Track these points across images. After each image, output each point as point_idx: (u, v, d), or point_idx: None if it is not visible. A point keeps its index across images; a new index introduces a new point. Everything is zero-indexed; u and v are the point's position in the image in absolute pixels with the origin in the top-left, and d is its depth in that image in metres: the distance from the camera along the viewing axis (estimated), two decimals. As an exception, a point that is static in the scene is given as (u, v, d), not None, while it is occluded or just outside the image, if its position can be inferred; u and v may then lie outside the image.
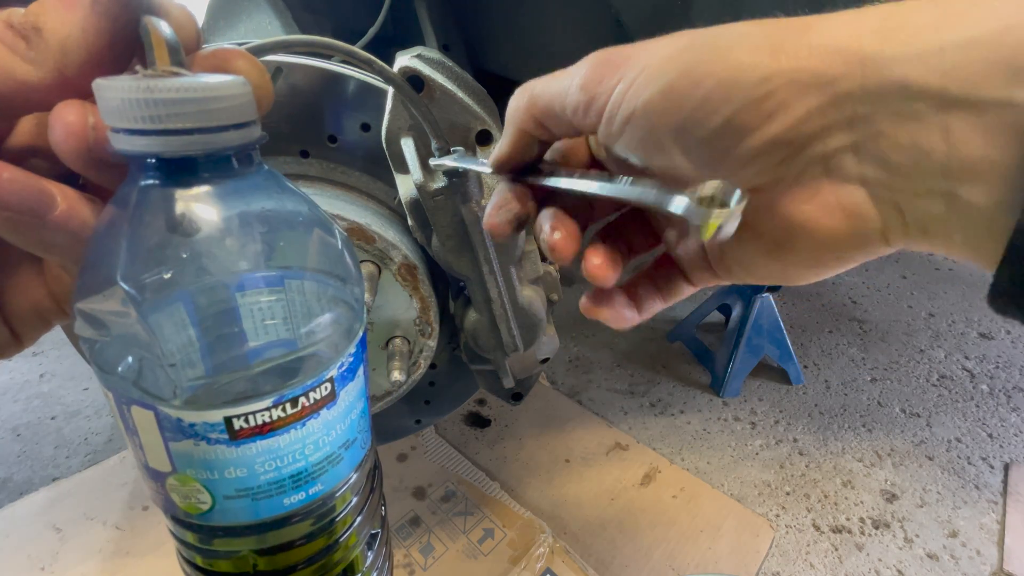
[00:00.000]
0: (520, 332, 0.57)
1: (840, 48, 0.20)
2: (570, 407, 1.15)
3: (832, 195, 0.22)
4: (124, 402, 0.21)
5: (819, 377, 1.23)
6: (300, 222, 0.23)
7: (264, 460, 0.22)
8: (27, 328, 0.26)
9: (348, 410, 0.25)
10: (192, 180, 0.20)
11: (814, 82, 0.20)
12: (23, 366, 1.27)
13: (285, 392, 0.22)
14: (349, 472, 0.26)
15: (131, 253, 0.19)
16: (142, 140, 0.18)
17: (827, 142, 0.21)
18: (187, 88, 0.18)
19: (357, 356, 0.25)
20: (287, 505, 0.24)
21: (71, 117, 0.20)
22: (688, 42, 0.23)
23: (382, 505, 0.32)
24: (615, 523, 0.89)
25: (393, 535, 0.86)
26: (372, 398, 0.61)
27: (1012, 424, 1.10)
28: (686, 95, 0.22)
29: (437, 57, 0.48)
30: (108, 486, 0.95)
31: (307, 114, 0.53)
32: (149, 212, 0.20)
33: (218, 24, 0.77)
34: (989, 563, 0.85)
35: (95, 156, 0.20)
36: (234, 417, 0.21)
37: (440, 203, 0.48)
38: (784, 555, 0.86)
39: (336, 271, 0.24)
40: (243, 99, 0.20)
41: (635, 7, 0.63)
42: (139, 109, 0.18)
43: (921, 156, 0.20)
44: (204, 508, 0.23)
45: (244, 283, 0.21)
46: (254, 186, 0.22)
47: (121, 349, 0.20)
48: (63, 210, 0.21)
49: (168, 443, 0.21)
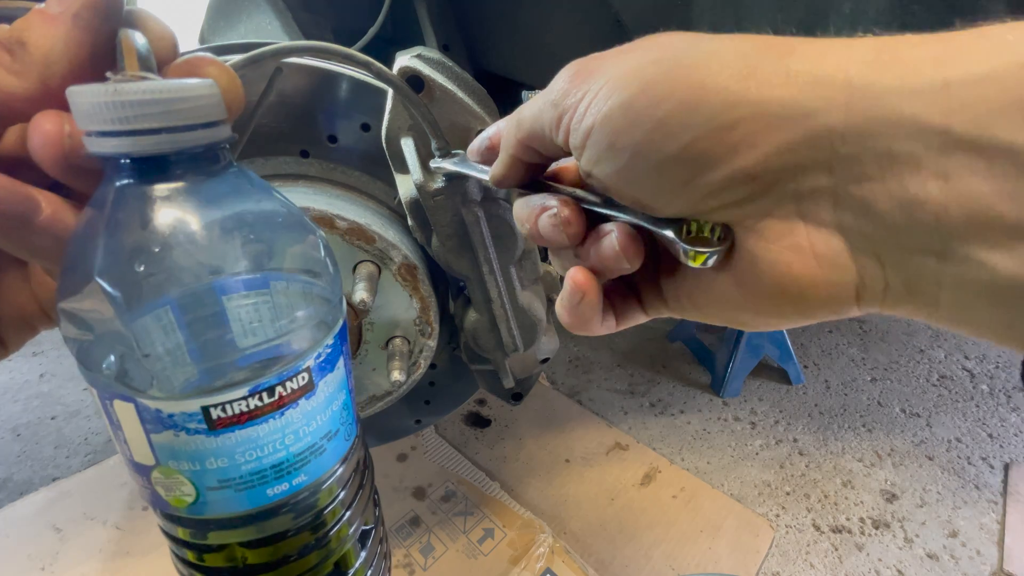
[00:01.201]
0: (520, 332, 0.57)
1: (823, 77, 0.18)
2: (570, 407, 1.15)
3: (805, 238, 0.20)
4: (107, 397, 0.22)
5: (819, 377, 1.23)
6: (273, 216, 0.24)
7: (244, 450, 0.23)
8: (13, 334, 0.26)
9: (329, 401, 0.25)
10: (163, 178, 0.21)
11: (788, 114, 0.18)
12: (23, 366, 1.27)
13: (261, 381, 0.22)
14: (334, 464, 0.27)
15: (107, 250, 0.20)
16: (113, 141, 0.20)
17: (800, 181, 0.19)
18: (153, 90, 0.19)
19: (336, 347, 0.26)
20: (271, 496, 0.24)
21: (48, 126, 0.20)
22: (658, 55, 0.21)
23: (376, 502, 0.33)
24: (615, 523, 0.89)
25: (393, 535, 0.86)
26: (372, 398, 0.61)
27: (1012, 424, 1.10)
28: (644, 113, 0.20)
29: (437, 57, 0.48)
30: (108, 486, 0.95)
31: (307, 114, 0.53)
32: (124, 210, 0.21)
33: (218, 24, 0.77)
34: (989, 563, 0.85)
35: (72, 162, 0.21)
36: (211, 407, 0.21)
37: (440, 203, 0.48)
38: (784, 555, 0.86)
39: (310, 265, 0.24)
40: (209, 100, 0.21)
41: (635, 6, 0.63)
42: (108, 112, 0.19)
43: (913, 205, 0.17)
44: (189, 500, 0.23)
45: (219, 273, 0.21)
46: (225, 183, 0.23)
47: (103, 346, 0.21)
48: (47, 215, 0.22)
49: (150, 435, 0.22)
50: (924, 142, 0.17)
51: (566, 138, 0.24)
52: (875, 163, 0.18)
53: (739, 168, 0.19)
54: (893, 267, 0.19)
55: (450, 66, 0.49)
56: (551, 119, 0.24)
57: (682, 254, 0.22)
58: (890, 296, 0.20)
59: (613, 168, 0.22)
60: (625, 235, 0.24)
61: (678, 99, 0.20)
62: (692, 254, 0.22)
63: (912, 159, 0.17)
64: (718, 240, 0.22)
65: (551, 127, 0.25)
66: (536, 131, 0.26)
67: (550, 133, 0.25)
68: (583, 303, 0.27)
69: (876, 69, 0.17)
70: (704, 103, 0.19)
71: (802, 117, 0.18)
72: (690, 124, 0.19)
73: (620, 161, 0.22)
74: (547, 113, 0.25)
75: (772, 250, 0.21)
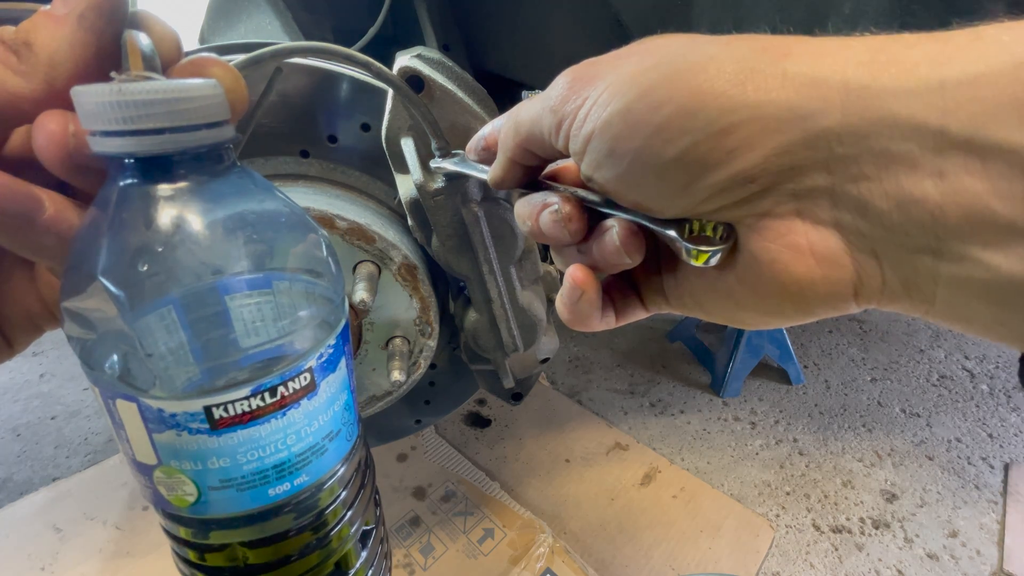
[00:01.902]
0: (520, 332, 0.57)
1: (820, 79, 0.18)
2: (570, 407, 1.15)
3: (803, 237, 0.20)
4: (110, 396, 0.22)
5: (819, 377, 1.23)
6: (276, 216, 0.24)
7: (246, 450, 0.23)
8: (19, 334, 0.27)
9: (330, 401, 0.25)
10: (167, 178, 0.21)
11: (785, 116, 0.18)
12: (23, 366, 1.27)
13: (263, 381, 0.22)
14: (335, 464, 0.27)
15: (110, 249, 0.20)
16: (117, 141, 0.20)
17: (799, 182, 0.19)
18: (157, 90, 0.19)
19: (338, 348, 0.26)
20: (272, 496, 0.24)
21: (52, 125, 0.21)
22: (657, 60, 0.21)
23: (377, 503, 0.33)
24: (615, 523, 0.89)
25: (393, 535, 0.86)
26: (372, 398, 0.61)
27: (1012, 424, 1.10)
28: (643, 120, 0.20)
29: (437, 57, 0.48)
30: (108, 486, 0.95)
31: (307, 114, 0.53)
32: (127, 210, 0.21)
33: (218, 24, 0.77)
34: (989, 563, 0.85)
35: (77, 161, 0.21)
36: (213, 406, 0.21)
37: (440, 203, 0.48)
38: (784, 555, 0.86)
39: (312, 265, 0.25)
40: (213, 100, 0.21)
41: (635, 6, 0.63)
42: (113, 111, 0.19)
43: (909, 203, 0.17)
44: (191, 500, 0.23)
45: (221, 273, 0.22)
46: (228, 183, 0.23)
47: (106, 345, 0.21)
48: (51, 214, 0.22)
49: (152, 435, 0.22)
50: (920, 142, 0.17)
51: (566, 144, 0.24)
52: (872, 163, 0.18)
53: (738, 171, 0.20)
54: (890, 265, 0.19)
55: (450, 66, 0.49)
56: (550, 125, 0.25)
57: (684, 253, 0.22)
58: (887, 293, 0.20)
59: (614, 173, 0.23)
60: (626, 230, 0.25)
61: (676, 104, 0.20)
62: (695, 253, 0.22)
63: (908, 159, 0.17)
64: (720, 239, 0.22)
65: (550, 133, 0.25)
66: (535, 135, 0.26)
67: (549, 138, 0.25)
68: (582, 300, 0.27)
69: (872, 70, 0.17)
70: (702, 108, 0.19)
71: (799, 119, 0.18)
72: (689, 129, 0.20)
73: (620, 166, 0.22)
74: (546, 119, 0.25)
75: (771, 249, 0.21)
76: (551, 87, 0.25)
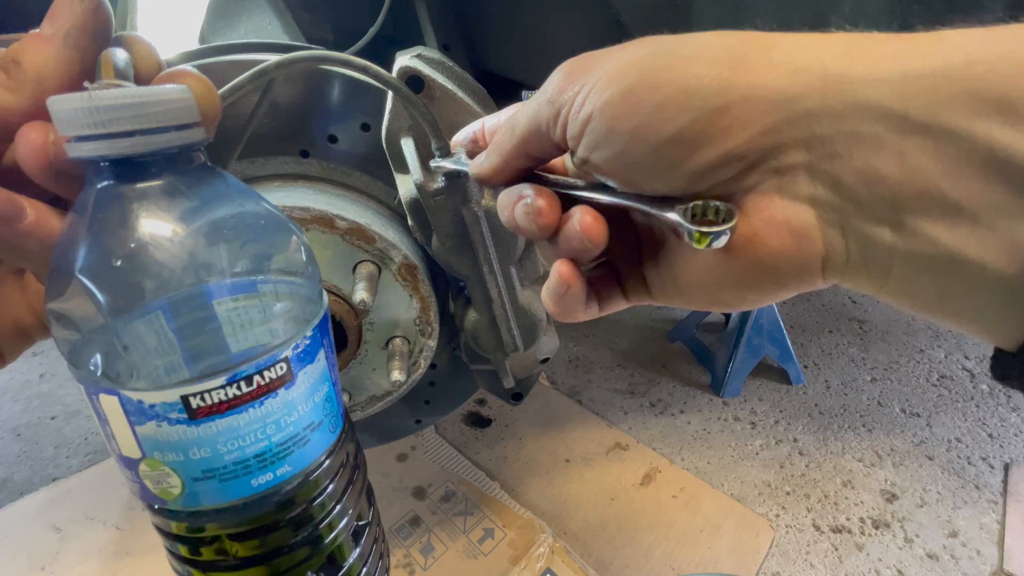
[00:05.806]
0: (520, 332, 0.57)
1: (802, 66, 0.20)
2: (570, 407, 1.15)
3: (780, 212, 0.22)
4: (94, 392, 0.23)
5: (819, 377, 1.23)
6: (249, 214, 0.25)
7: (226, 439, 0.23)
8: (10, 344, 0.28)
9: (310, 392, 0.26)
10: (140, 178, 0.22)
11: (773, 98, 0.20)
12: (23, 366, 1.27)
13: (239, 370, 0.23)
14: (319, 455, 0.27)
15: (88, 248, 0.21)
16: (90, 145, 0.21)
17: (781, 159, 0.21)
18: (126, 95, 0.21)
19: (316, 339, 0.26)
20: (256, 486, 0.25)
21: (33, 135, 0.22)
22: (652, 49, 0.23)
23: (370, 500, 0.33)
24: (615, 523, 0.89)
25: (393, 535, 0.86)
26: (372, 398, 0.61)
27: (1012, 424, 1.10)
28: (643, 99, 0.22)
29: (437, 57, 0.48)
30: (108, 486, 0.95)
31: (307, 114, 0.53)
32: (103, 210, 0.22)
33: (218, 24, 0.77)
34: (989, 563, 0.85)
35: (57, 168, 0.23)
36: (191, 396, 0.22)
37: (440, 203, 0.48)
38: (784, 555, 0.86)
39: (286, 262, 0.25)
40: (181, 104, 0.22)
41: (635, 6, 0.63)
42: (84, 116, 0.20)
43: (874, 180, 0.19)
44: (176, 492, 0.24)
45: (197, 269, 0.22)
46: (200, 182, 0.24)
47: (88, 343, 0.22)
48: (32, 220, 0.23)
49: (134, 427, 0.23)
50: (886, 125, 0.19)
51: (563, 131, 0.25)
52: (844, 142, 0.20)
53: (730, 148, 0.21)
54: (853, 238, 0.21)
55: (450, 66, 0.49)
56: (548, 115, 0.25)
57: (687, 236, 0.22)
58: (850, 268, 0.22)
59: (611, 152, 0.24)
60: (587, 215, 0.26)
61: (675, 86, 0.21)
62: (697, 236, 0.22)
63: (875, 140, 0.19)
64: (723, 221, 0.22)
65: (548, 123, 0.26)
66: (533, 130, 0.27)
67: (547, 129, 0.26)
68: (568, 294, 0.28)
69: (847, 60, 0.20)
70: (700, 88, 0.21)
71: (785, 101, 0.20)
72: (687, 108, 0.21)
73: (618, 145, 0.23)
74: (544, 111, 0.26)
75: (752, 223, 0.22)
76: (547, 82, 0.26)
